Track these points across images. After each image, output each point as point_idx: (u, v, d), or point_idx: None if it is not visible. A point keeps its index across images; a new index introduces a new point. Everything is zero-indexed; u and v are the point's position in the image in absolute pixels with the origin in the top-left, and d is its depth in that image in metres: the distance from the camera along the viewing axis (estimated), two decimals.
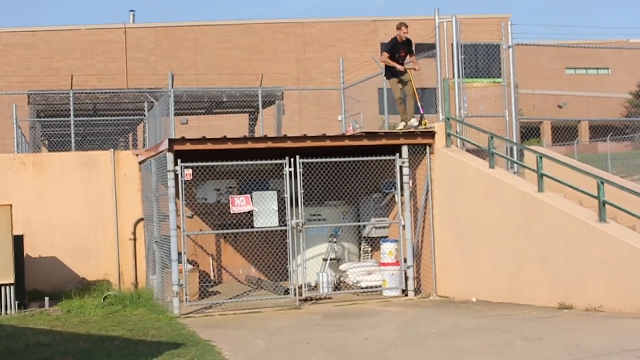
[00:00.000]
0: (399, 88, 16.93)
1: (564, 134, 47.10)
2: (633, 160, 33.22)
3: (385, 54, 17.11)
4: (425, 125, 16.45)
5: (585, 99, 61.36)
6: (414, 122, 16.58)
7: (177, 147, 14.27)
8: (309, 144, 15.17)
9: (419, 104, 17.04)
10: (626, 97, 61.58)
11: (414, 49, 17.21)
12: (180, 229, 14.30)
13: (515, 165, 15.51)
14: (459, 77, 16.53)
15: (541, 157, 13.60)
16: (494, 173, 14.27)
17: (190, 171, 14.41)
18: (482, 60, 17.86)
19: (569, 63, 64.84)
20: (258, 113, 24.22)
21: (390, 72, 17.09)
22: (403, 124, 16.77)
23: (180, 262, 14.18)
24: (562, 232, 12.54)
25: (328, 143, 15.39)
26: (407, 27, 16.98)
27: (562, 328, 10.79)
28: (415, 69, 17.03)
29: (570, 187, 13.25)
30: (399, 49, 16.87)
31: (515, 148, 16.01)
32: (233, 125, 28.51)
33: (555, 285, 12.53)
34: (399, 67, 16.76)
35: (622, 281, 11.53)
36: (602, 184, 12.39)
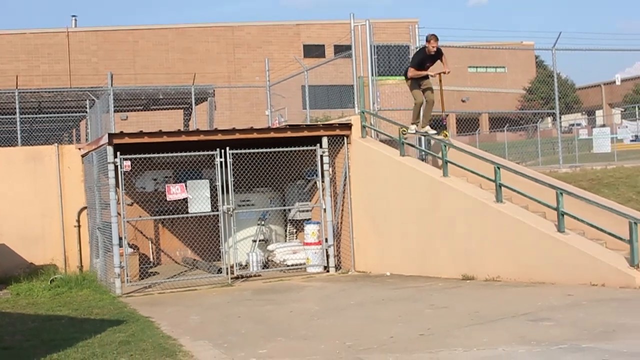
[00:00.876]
0: (420, 94, 15.21)
1: (467, 125, 48.12)
2: (526, 147, 34.23)
3: (412, 70, 14.91)
4: (446, 136, 15.14)
5: (485, 94, 63.07)
6: (428, 129, 15.27)
7: (116, 141, 14.28)
8: (237, 136, 15.26)
9: (443, 114, 15.60)
10: (520, 92, 63.82)
11: (444, 57, 15.22)
12: (120, 215, 14.33)
13: (423, 153, 15.91)
14: (372, 74, 16.79)
15: (445, 146, 14.01)
16: (404, 160, 14.58)
17: (129, 162, 14.41)
18: (394, 60, 18.17)
19: (471, 62, 66.72)
20: (191, 109, 24.20)
21: (415, 82, 15.15)
22: (414, 127, 15.25)
23: (121, 246, 14.16)
24: (464, 212, 12.92)
25: (255, 135, 15.49)
26: (436, 39, 14.81)
27: (464, 297, 11.13)
28: (445, 72, 15.22)
29: (471, 171, 13.64)
30: (425, 62, 14.96)
31: (422, 138, 16.37)
32: (170, 121, 28.34)
33: (459, 259, 12.90)
34: (424, 73, 15.00)
35: (516, 254, 11.95)
36: (499, 168, 12.80)
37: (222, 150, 14.61)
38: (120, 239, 14.21)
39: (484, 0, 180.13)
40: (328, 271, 15.52)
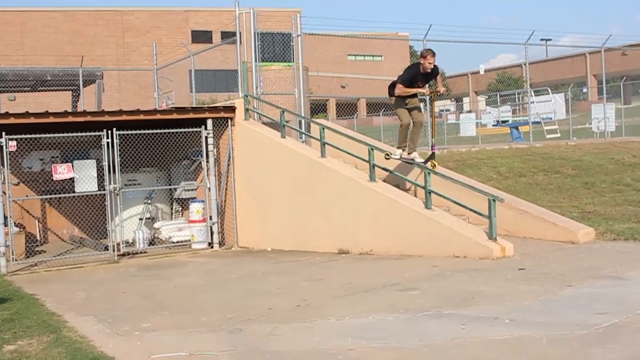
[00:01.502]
0: (406, 114, 12.88)
1: (346, 109, 48.94)
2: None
3: (401, 86, 12.61)
4: (434, 166, 12.60)
5: (363, 80, 64.08)
6: (415, 156, 12.98)
7: (1, 121, 13.71)
8: (124, 117, 14.87)
9: (432, 140, 13.34)
10: (395, 80, 65.04)
11: (439, 76, 13.13)
12: (5, 194, 13.76)
13: (303, 135, 15.95)
14: (255, 60, 16.72)
15: (323, 128, 14.07)
16: (284, 142, 14.56)
17: (14, 142, 13.78)
18: (277, 47, 18.13)
19: (350, 50, 67.84)
20: (79, 91, 23.47)
21: (401, 101, 12.88)
22: (399, 151, 13.04)
23: (6, 225, 13.58)
24: (340, 190, 13.03)
25: (141, 117, 15.14)
26: (433, 55, 12.46)
27: (339, 269, 11.24)
28: (439, 92, 13.27)
29: (347, 153, 13.75)
30: (417, 80, 12.62)
31: (303, 121, 16.43)
32: (59, 102, 27.45)
33: (335, 234, 12.99)
34: (415, 91, 12.71)
35: (388, 229, 12.14)
36: (372, 150, 12.98)
37: (110, 131, 14.23)
38: (6, 218, 13.60)
39: None
40: (212, 247, 15.36)
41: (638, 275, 8.83)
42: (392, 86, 13.06)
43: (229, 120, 15.62)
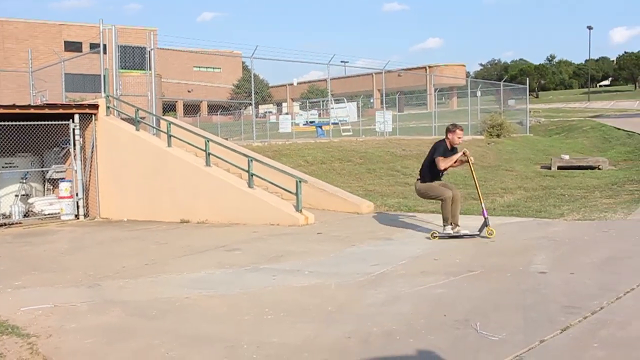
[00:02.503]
0: (445, 187, 9.14)
1: (192, 109, 48.19)
2: (233, 127, 34.73)
3: (442, 158, 8.96)
4: (492, 234, 8.68)
5: (205, 87, 63.64)
6: (460, 229, 9.04)
7: None
8: (1, 110, 13.81)
9: (482, 205, 8.99)
10: (230, 87, 65.19)
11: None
12: None
13: (154, 129, 15.52)
14: (116, 68, 16.16)
15: (170, 124, 13.74)
16: (138, 134, 14.05)
17: None
18: (136, 57, 17.75)
19: (196, 63, 67.19)
20: None
21: (436, 177, 9.32)
22: (450, 227, 9.01)
23: None
24: (182, 173, 12.79)
25: (17, 110, 14.03)
26: (462, 130, 9.35)
27: (181, 235, 11.01)
28: (470, 161, 9.10)
29: (189, 144, 13.52)
30: (447, 155, 9.08)
31: (154, 118, 16.01)
32: None
33: (178, 207, 12.73)
34: (457, 157, 9.09)
35: (219, 203, 12.08)
36: (208, 141, 12.83)
37: None
38: None
39: (208, 17, 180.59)
40: (78, 219, 14.55)
41: (401, 237, 9.29)
42: (431, 166, 9.21)
43: (93, 116, 14.85)
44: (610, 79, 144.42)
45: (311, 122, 34.57)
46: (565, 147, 26.93)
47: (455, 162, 9.16)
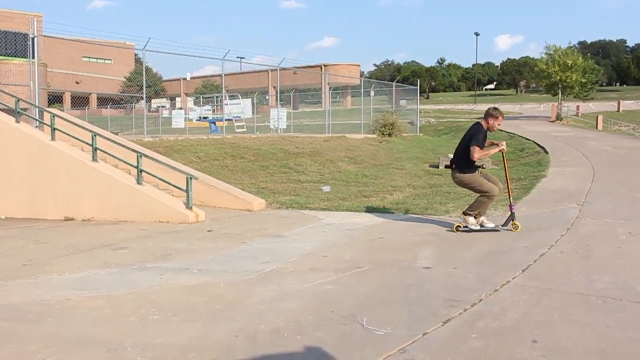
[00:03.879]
0: (490, 181, 8.69)
1: (80, 102, 46.11)
2: (124, 121, 33.60)
3: (478, 149, 8.34)
4: (518, 228, 8.52)
5: (95, 78, 61.19)
6: (484, 220, 8.77)
7: None
8: None
9: (510, 199, 8.93)
10: (122, 80, 62.91)
11: None
12: None
13: (37, 121, 14.70)
14: None
15: (54, 116, 13.08)
16: (19, 126, 13.24)
17: None
18: (19, 44, 16.72)
19: (85, 53, 64.24)
20: None
21: (475, 167, 8.70)
22: (473, 220, 8.72)
23: None
24: (67, 168, 12.23)
25: None
26: (503, 116, 8.66)
27: (64, 233, 10.50)
28: (504, 150, 8.66)
29: (75, 137, 12.95)
30: (485, 141, 8.59)
31: (37, 109, 15.16)
32: None
33: (62, 204, 12.16)
34: (495, 150, 8.63)
35: (106, 200, 11.66)
36: (95, 136, 12.33)
37: None
38: None
39: (99, 5, 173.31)
40: None
41: (292, 234, 9.31)
42: (463, 158, 8.56)
43: None
44: (495, 83, 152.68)
45: (205, 117, 34.09)
46: (453, 147, 27.78)
47: (488, 154, 8.63)
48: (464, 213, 8.82)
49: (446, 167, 10.16)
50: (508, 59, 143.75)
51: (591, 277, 6.20)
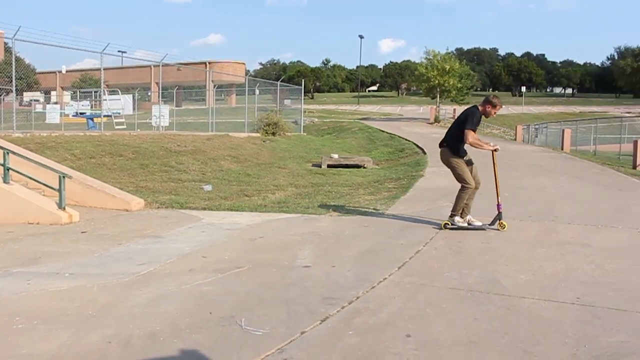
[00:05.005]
0: (468, 173, 8.72)
1: None
2: None
3: (473, 133, 8.38)
4: (504, 227, 8.57)
5: None
6: (471, 218, 8.86)
7: None
8: None
9: (498, 199, 8.71)
10: None
11: None
12: None
13: None
14: None
15: None
16: None
17: None
18: None
19: None
20: None
21: (461, 152, 8.80)
22: (459, 218, 8.79)
23: None
24: None
25: None
26: (501, 106, 8.68)
27: None
28: (497, 150, 8.81)
29: None
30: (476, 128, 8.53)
31: None
32: None
33: None
34: (488, 147, 8.70)
35: None
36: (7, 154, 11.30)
37: None
38: None
39: None
40: None
41: (171, 234, 9.08)
42: (455, 139, 8.65)
43: None
44: (378, 85, 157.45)
45: (82, 113, 32.57)
46: (336, 147, 28.62)
47: (480, 146, 8.57)
48: (450, 215, 8.86)
49: (328, 166, 10.37)
50: (390, 62, 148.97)
51: (462, 272, 6.52)
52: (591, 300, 5.59)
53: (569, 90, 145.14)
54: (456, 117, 8.65)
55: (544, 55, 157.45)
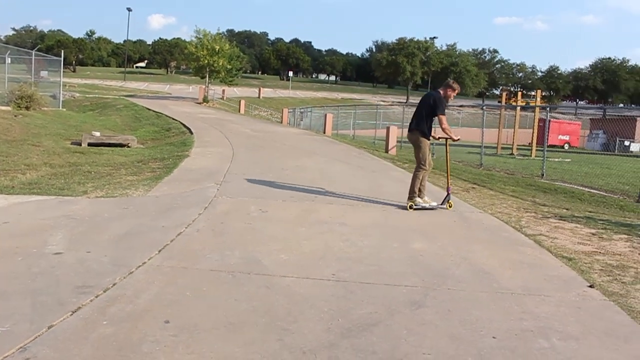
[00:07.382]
0: (429, 157, 9.73)
1: None
2: None
3: (445, 119, 9.19)
4: (451, 206, 9.61)
5: None
6: (426, 199, 9.61)
7: None
8: None
9: (448, 182, 10.04)
10: None
11: None
12: None
13: None
14: None
15: None
16: None
17: None
18: None
19: None
20: None
21: (429, 133, 9.56)
22: (420, 199, 9.50)
23: None
24: None
25: None
26: (459, 90, 9.81)
27: None
28: (454, 139, 9.70)
29: None
30: None
31: None
32: None
33: None
34: (452, 136, 9.58)
35: None
36: None
37: None
38: None
39: None
40: None
41: None
42: (426, 123, 9.37)
43: None
44: (146, 61, 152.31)
45: None
46: (99, 124, 27.06)
47: (449, 132, 9.39)
48: (409, 198, 9.49)
49: (89, 144, 10.30)
50: (160, 38, 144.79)
51: (224, 254, 6.51)
52: (345, 276, 5.93)
53: (333, 78, 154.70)
54: (420, 102, 9.58)
55: (310, 42, 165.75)
